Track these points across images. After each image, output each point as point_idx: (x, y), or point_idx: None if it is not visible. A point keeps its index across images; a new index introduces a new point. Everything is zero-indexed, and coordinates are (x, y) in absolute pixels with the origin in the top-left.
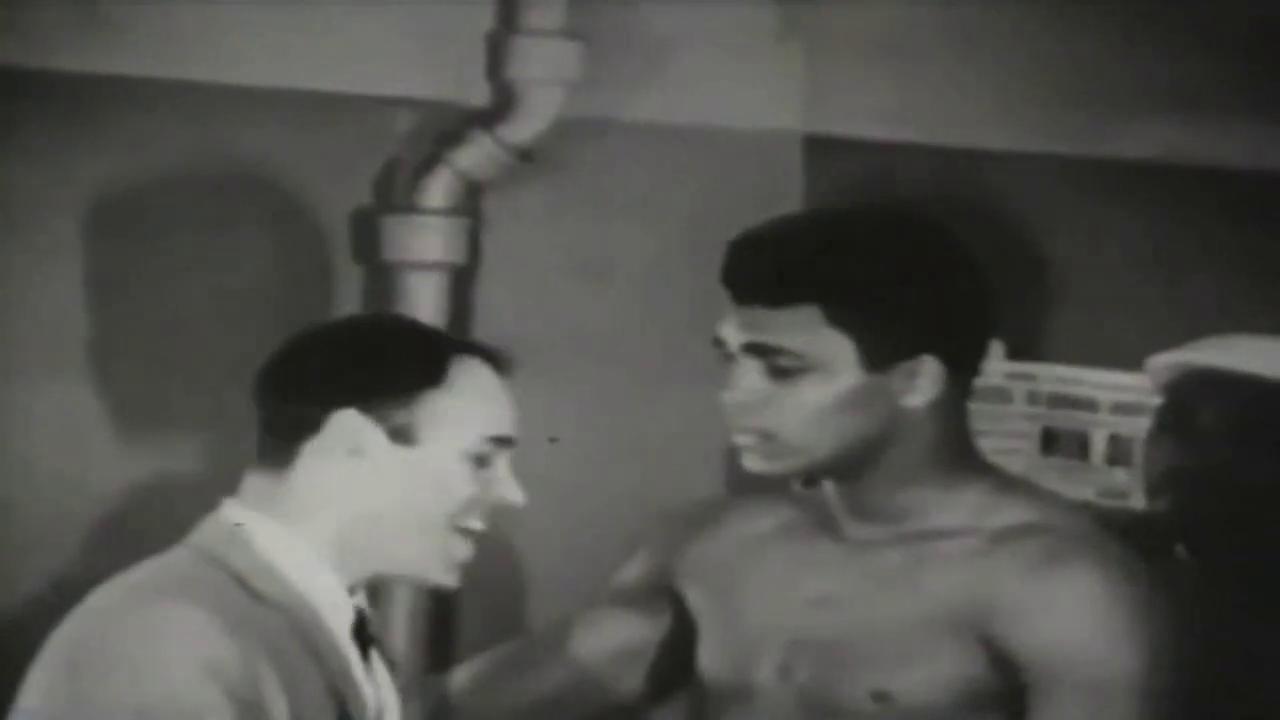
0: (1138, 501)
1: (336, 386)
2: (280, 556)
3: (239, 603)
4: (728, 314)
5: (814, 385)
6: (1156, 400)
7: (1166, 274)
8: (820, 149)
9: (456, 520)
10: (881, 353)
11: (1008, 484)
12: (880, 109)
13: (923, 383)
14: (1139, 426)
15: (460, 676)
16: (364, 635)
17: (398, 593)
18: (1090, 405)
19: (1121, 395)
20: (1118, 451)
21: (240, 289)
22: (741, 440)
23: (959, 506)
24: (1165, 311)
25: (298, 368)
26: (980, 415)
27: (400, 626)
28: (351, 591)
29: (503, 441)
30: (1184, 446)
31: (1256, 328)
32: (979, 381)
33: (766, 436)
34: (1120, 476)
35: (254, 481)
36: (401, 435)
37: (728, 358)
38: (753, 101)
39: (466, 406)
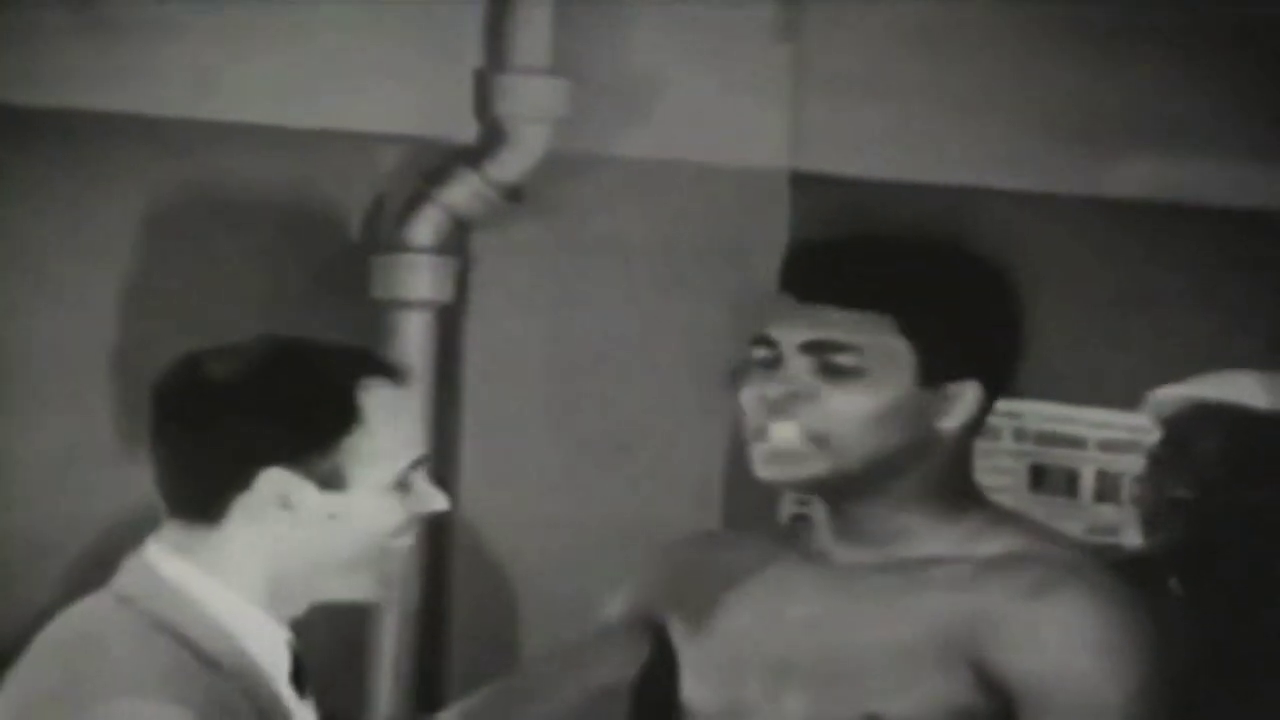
0: (1126, 538)
1: (263, 447)
2: (226, 616)
3: (200, 680)
4: (778, 314)
5: (865, 390)
6: (1146, 437)
7: (1154, 311)
8: (806, 185)
9: (389, 544)
10: (938, 370)
11: (1001, 516)
12: (866, 146)
13: (961, 406)
14: (1127, 463)
15: (447, 717)
16: (300, 678)
17: (385, 626)
18: (1078, 442)
19: (1109, 432)
20: (1106, 488)
21: (230, 322)
22: (767, 443)
23: (949, 535)
24: (1153, 349)
25: (217, 425)
26: None
27: (389, 658)
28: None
29: (420, 462)
30: (1183, 479)
31: (1244, 365)
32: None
33: (806, 434)
34: (1108, 513)
35: (179, 531)
36: (330, 483)
37: (766, 361)
38: (739, 138)
39: (385, 440)
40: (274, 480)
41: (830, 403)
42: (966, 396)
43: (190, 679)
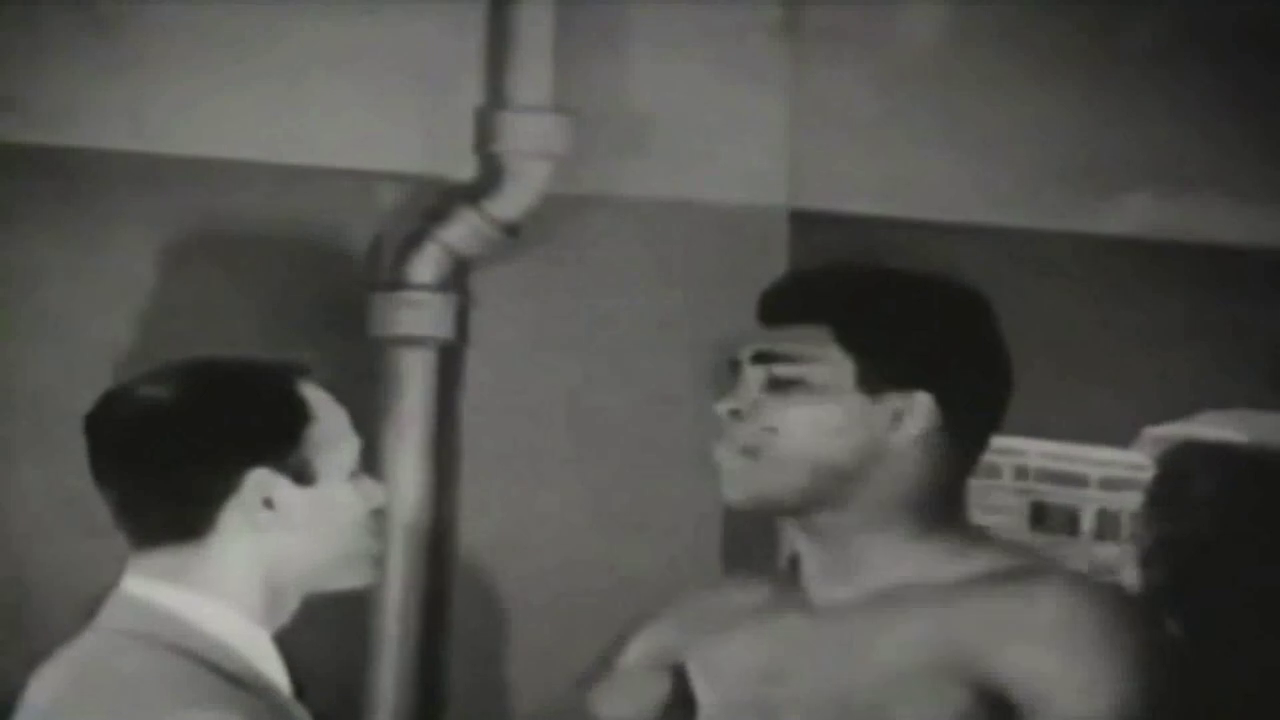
0: (1127, 577)
1: (243, 449)
2: (229, 635)
3: (236, 697)
4: (746, 339)
5: (809, 401)
6: (1146, 474)
7: (1151, 349)
8: (805, 223)
9: (359, 532)
10: (879, 378)
11: (977, 537)
12: (865, 184)
13: (911, 419)
14: (1127, 501)
15: None
16: (298, 690)
17: (384, 659)
18: (1079, 480)
19: (1110, 470)
20: (1106, 526)
21: None
22: (727, 462)
23: (921, 557)
24: (1151, 387)
25: (192, 440)
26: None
27: (388, 691)
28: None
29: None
30: (1177, 517)
31: (1241, 403)
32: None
33: (752, 452)
34: (1109, 551)
35: (160, 559)
36: (303, 477)
37: (732, 383)
38: (738, 177)
39: (333, 430)
40: (259, 479)
41: (772, 414)
42: (915, 408)
43: (228, 696)
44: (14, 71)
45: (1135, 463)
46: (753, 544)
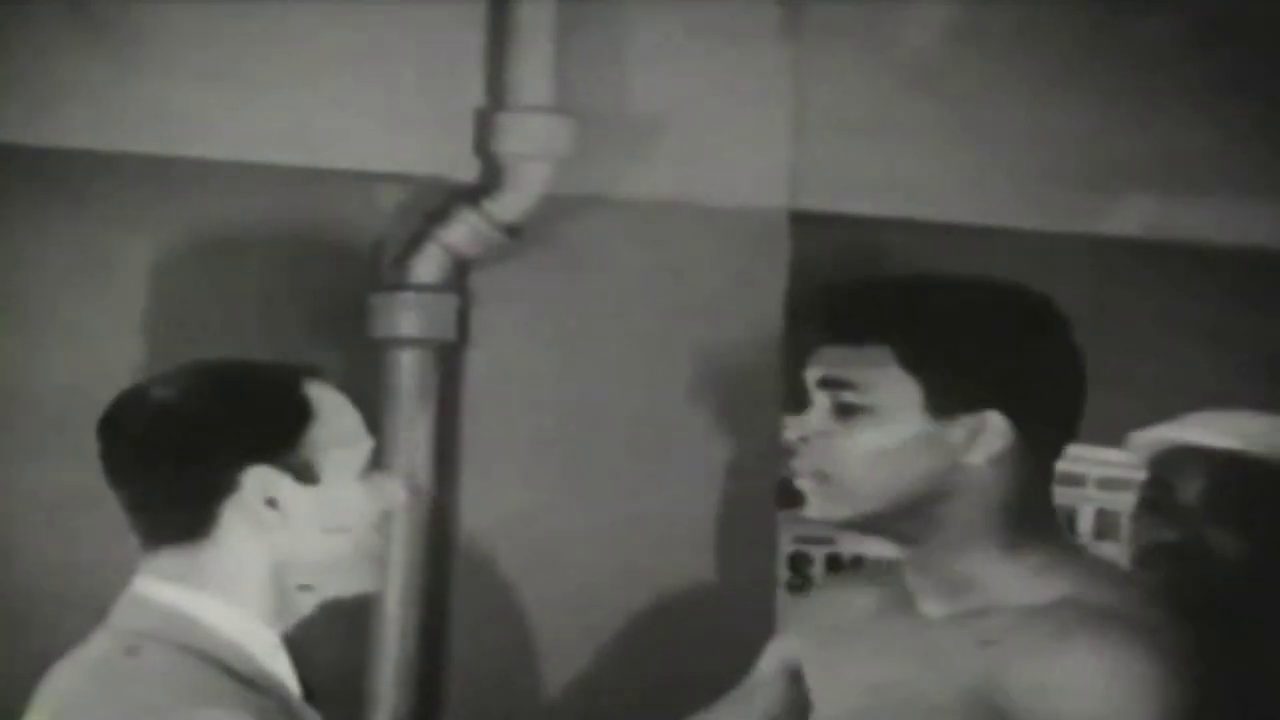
0: None
1: (242, 447)
2: (239, 635)
3: (248, 697)
4: (813, 357)
5: (875, 426)
6: (1142, 475)
7: (1152, 350)
8: (806, 224)
9: (368, 534)
10: (947, 400)
11: (1064, 555)
12: (867, 185)
13: (985, 439)
14: (1126, 502)
15: None
16: (308, 692)
17: (384, 657)
18: (1077, 480)
19: (1108, 471)
20: (1105, 526)
21: None
22: (803, 483)
23: (1010, 577)
24: (1152, 387)
25: (194, 438)
26: None
27: (387, 692)
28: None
29: (373, 457)
30: (1166, 521)
31: (1243, 404)
32: None
33: (822, 477)
34: (1108, 551)
35: (169, 559)
36: (305, 476)
37: (803, 402)
38: (740, 178)
39: (339, 430)
40: (258, 477)
41: (842, 443)
42: (989, 428)
43: (239, 695)
44: (12, 71)
45: (1133, 463)
46: (750, 538)
